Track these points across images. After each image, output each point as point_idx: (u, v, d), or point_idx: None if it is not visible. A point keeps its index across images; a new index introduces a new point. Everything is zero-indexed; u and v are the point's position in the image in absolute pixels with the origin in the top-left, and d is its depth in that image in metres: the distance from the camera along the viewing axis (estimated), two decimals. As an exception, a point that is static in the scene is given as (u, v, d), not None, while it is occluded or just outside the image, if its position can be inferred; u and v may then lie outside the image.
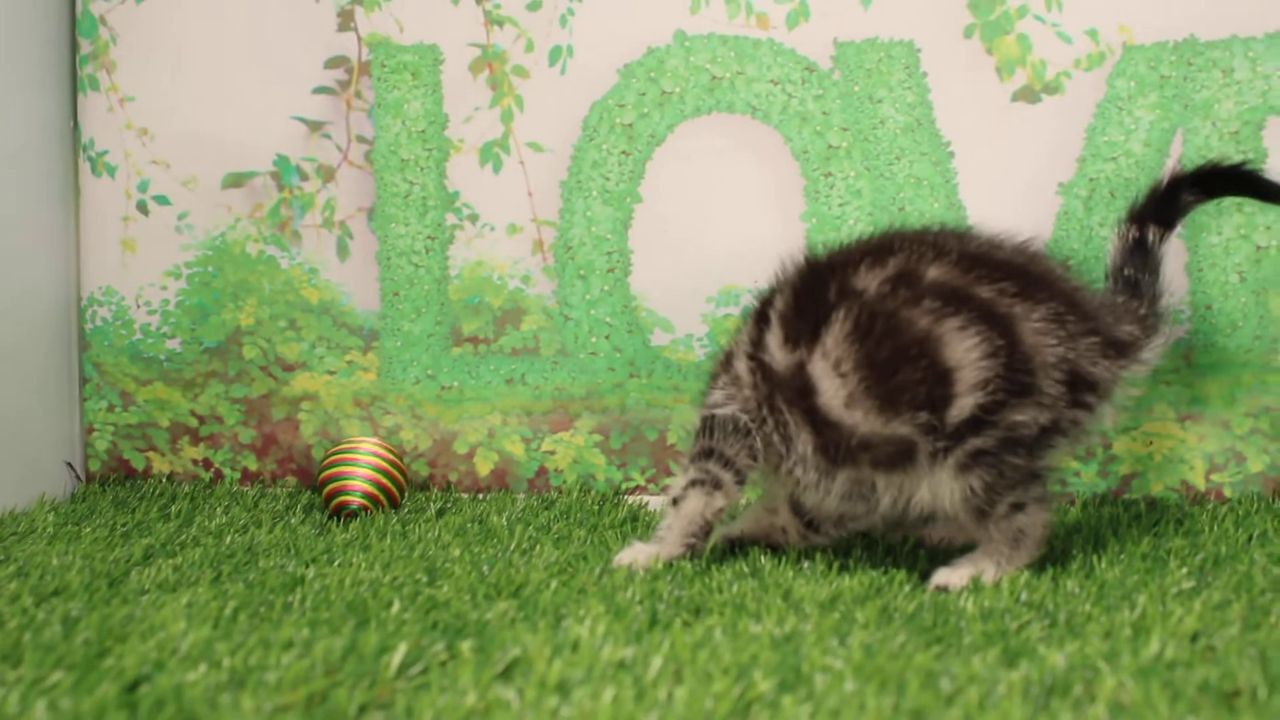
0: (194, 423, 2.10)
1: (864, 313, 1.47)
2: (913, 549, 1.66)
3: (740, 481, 1.56)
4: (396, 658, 1.16)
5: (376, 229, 2.04)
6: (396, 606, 1.36)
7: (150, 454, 2.11)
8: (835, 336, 1.48)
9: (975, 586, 1.45)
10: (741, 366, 1.57)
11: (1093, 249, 1.86)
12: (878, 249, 1.52)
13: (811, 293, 1.52)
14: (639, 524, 1.80)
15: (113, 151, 2.07)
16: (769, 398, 1.54)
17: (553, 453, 2.02)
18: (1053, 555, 1.55)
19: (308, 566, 1.56)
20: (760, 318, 1.57)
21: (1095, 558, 1.55)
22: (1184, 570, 1.47)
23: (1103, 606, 1.33)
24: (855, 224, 1.92)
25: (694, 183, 1.96)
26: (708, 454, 1.57)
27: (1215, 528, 1.69)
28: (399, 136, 2.03)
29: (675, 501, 1.58)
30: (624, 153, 1.98)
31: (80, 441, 2.12)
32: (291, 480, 2.09)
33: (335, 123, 2.04)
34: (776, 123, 1.94)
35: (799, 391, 1.51)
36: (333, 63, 2.03)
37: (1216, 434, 1.86)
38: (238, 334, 2.08)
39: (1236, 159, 1.71)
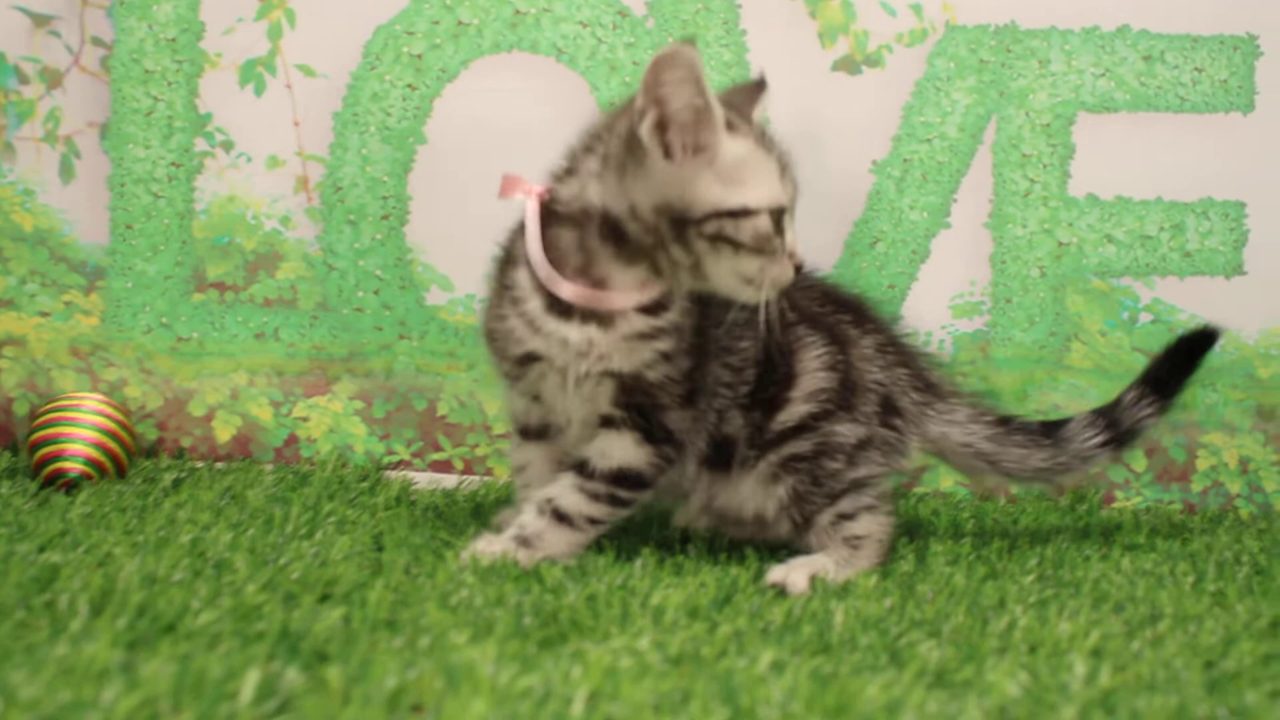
0: None
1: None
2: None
3: None
4: (248, 689, 0.95)
5: (110, 149, 1.75)
6: (206, 615, 1.12)
7: None
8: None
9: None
10: None
11: (902, 232, 1.79)
12: None
13: None
14: (416, 505, 1.61)
15: None
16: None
17: (306, 419, 1.79)
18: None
19: (44, 551, 1.29)
20: None
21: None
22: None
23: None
24: (660, 187, 1.78)
25: (487, 127, 1.77)
26: None
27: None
28: (144, 43, 1.74)
29: None
30: (410, 86, 1.76)
31: None
32: (-16, 438, 1.77)
33: (67, 19, 1.73)
34: (583, 69, 1.77)
35: None
36: (65, -53, 1.72)
37: (1007, 429, 1.83)
38: (-76, 261, 1.74)
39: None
